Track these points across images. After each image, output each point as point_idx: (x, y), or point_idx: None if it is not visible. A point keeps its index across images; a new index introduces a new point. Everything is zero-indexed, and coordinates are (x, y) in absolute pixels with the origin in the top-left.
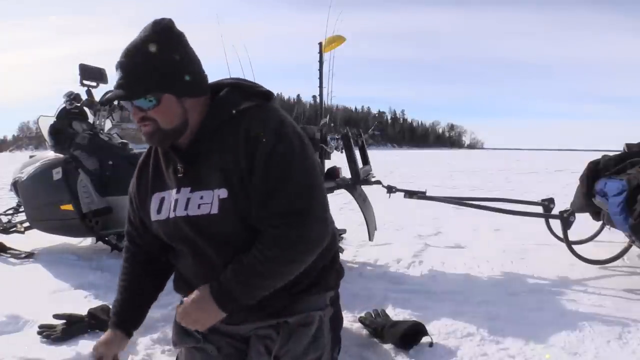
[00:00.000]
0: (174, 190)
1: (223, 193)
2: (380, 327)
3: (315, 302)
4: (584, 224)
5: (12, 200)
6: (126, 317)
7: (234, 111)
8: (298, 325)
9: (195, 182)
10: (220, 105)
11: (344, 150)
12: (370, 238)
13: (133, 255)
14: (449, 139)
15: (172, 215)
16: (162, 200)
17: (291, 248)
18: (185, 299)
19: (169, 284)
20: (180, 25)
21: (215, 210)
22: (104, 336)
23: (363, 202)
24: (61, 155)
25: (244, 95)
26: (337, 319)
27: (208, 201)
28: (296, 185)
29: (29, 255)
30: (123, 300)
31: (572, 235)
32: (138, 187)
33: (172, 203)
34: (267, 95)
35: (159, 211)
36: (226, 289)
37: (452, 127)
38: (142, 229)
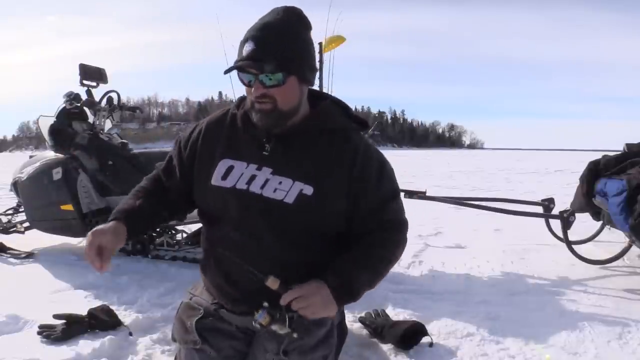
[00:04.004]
0: (254, 166)
1: (308, 190)
2: (380, 327)
3: None
4: (584, 224)
5: (12, 200)
6: (130, 216)
7: (339, 123)
8: (311, 323)
9: (279, 166)
10: (330, 113)
11: None
12: None
13: (155, 180)
14: (449, 139)
15: (243, 187)
16: (230, 168)
17: (397, 247)
18: (300, 286)
19: (168, 285)
20: (180, 25)
21: (289, 200)
22: (102, 226)
23: None
24: (61, 155)
25: (346, 114)
26: (341, 329)
27: (285, 189)
28: (399, 202)
29: (29, 255)
30: (131, 204)
31: (572, 235)
32: (202, 143)
33: (245, 176)
34: (364, 123)
35: (224, 177)
36: (347, 281)
37: (452, 127)
38: (176, 178)
